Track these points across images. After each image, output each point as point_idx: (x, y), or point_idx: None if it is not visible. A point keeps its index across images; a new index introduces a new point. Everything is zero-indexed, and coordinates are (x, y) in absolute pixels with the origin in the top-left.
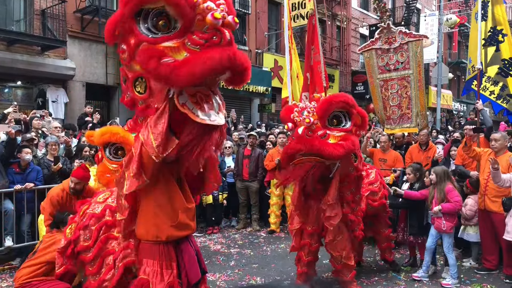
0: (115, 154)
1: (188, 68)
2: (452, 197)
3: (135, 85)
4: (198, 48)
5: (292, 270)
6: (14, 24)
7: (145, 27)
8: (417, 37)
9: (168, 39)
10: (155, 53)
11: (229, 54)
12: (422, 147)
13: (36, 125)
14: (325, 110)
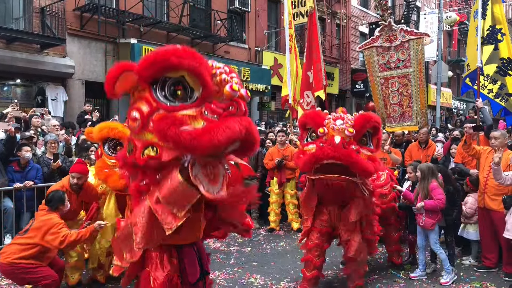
0: (114, 149)
1: (210, 136)
2: (435, 195)
3: (143, 153)
4: (216, 117)
5: (291, 268)
6: (13, 22)
7: (162, 95)
8: (418, 35)
9: (187, 107)
10: (175, 120)
11: (246, 124)
12: (422, 145)
13: (35, 123)
14: (362, 127)
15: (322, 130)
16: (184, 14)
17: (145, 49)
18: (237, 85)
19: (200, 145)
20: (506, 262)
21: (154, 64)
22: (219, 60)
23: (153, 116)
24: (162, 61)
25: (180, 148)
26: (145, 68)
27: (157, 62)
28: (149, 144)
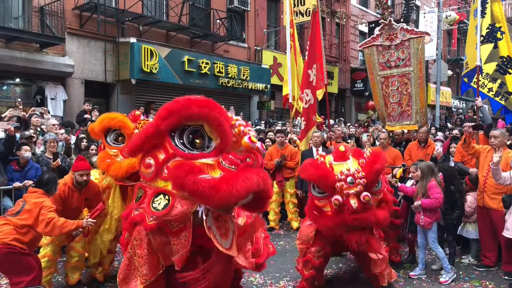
0: (116, 140)
1: (229, 186)
2: (432, 194)
3: (153, 201)
4: (234, 168)
5: (291, 267)
6: (12, 21)
7: (180, 142)
8: (419, 34)
9: (205, 156)
10: (194, 168)
11: (263, 176)
12: (421, 144)
13: (35, 123)
14: (373, 180)
15: (337, 203)
16: (184, 13)
17: (144, 48)
18: (255, 138)
19: (218, 195)
20: (506, 261)
21: (175, 113)
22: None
23: (169, 163)
24: (183, 110)
25: (197, 197)
26: (165, 117)
27: (178, 111)
28: (161, 192)
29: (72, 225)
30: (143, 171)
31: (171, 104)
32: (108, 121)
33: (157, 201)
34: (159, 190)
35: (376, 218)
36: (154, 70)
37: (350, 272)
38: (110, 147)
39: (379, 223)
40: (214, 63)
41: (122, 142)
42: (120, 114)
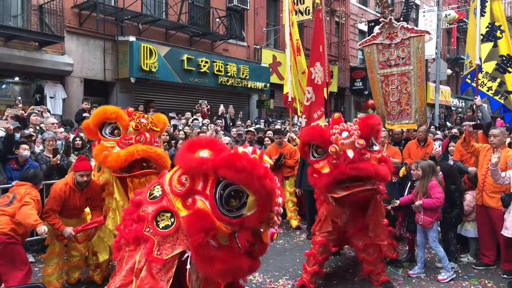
0: (111, 133)
1: (223, 267)
2: (434, 193)
3: (159, 215)
4: (240, 247)
5: (290, 266)
6: (11, 19)
7: (220, 193)
8: (419, 33)
9: (228, 222)
10: (211, 230)
11: (254, 269)
12: (421, 143)
13: (33, 121)
14: (369, 133)
15: (334, 149)
16: (183, 12)
17: (143, 47)
18: (276, 235)
19: (209, 268)
20: (505, 260)
21: (239, 173)
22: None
23: (198, 199)
24: (246, 177)
25: (193, 253)
26: (229, 167)
27: (242, 173)
28: (172, 211)
29: (35, 221)
30: (174, 183)
31: (241, 158)
32: (104, 114)
33: (162, 217)
34: (172, 208)
35: (376, 171)
36: (153, 69)
37: (349, 270)
38: (106, 139)
39: (380, 177)
40: (214, 61)
41: (118, 135)
42: (115, 106)
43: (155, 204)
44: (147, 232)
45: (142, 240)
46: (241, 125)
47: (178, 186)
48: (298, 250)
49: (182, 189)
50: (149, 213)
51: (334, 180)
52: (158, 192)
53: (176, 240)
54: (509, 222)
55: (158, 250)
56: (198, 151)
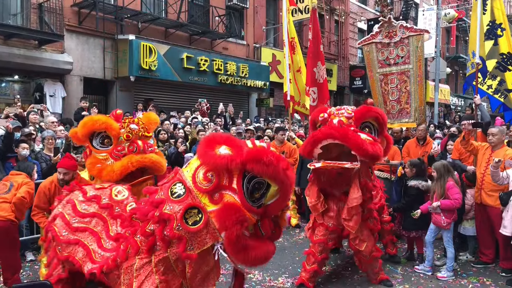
0: (102, 144)
1: (256, 254)
2: (452, 194)
3: (187, 212)
4: (263, 234)
5: (289, 264)
6: (11, 18)
7: (246, 186)
8: (418, 32)
9: (256, 212)
10: (245, 221)
11: (273, 252)
12: (420, 142)
13: (32, 120)
14: (362, 113)
15: (322, 115)
16: (183, 10)
17: (143, 45)
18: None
19: (245, 256)
20: (503, 258)
21: (266, 166)
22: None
23: (226, 194)
24: (273, 170)
25: (227, 245)
26: (257, 162)
27: (269, 166)
28: (198, 207)
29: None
30: (200, 180)
31: (265, 152)
32: (92, 124)
33: (190, 213)
34: (199, 205)
35: (353, 138)
36: (153, 67)
37: (348, 268)
38: (97, 151)
39: (354, 144)
40: (213, 60)
41: (109, 145)
42: (103, 115)
43: (181, 202)
44: (177, 230)
45: (173, 239)
46: (241, 123)
47: (205, 182)
48: (298, 248)
49: (208, 185)
50: (176, 211)
51: (313, 139)
52: (182, 190)
53: (206, 234)
54: (507, 220)
55: (191, 245)
56: (217, 148)
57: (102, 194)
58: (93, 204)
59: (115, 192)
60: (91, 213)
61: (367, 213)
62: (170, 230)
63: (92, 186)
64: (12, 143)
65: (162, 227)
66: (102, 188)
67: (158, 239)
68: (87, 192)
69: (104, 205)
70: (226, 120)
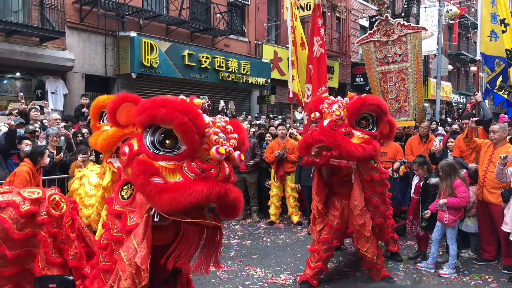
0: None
1: (173, 195)
2: (459, 192)
3: (122, 189)
4: (193, 176)
5: (291, 261)
6: (12, 14)
7: (150, 140)
8: (416, 29)
9: (168, 159)
10: (149, 169)
11: (220, 190)
12: (422, 139)
13: (33, 117)
14: (356, 109)
15: (313, 116)
16: (184, 7)
17: (144, 42)
18: (227, 148)
19: (161, 201)
20: (505, 255)
21: (145, 111)
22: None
23: (139, 157)
24: (152, 111)
25: (144, 197)
26: (139, 112)
27: (147, 110)
28: (130, 181)
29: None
30: (120, 157)
31: (147, 101)
32: (96, 104)
33: (124, 189)
34: (128, 179)
35: (342, 144)
36: (154, 65)
37: (350, 266)
38: (102, 125)
39: (343, 150)
40: (215, 57)
41: None
42: (109, 95)
43: (118, 184)
44: (118, 208)
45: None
46: (243, 120)
47: (123, 157)
48: (299, 246)
49: (125, 158)
50: (115, 192)
51: (305, 143)
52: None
53: (141, 200)
54: (509, 217)
55: (132, 218)
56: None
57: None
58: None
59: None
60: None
61: (372, 209)
62: (110, 209)
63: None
64: (15, 140)
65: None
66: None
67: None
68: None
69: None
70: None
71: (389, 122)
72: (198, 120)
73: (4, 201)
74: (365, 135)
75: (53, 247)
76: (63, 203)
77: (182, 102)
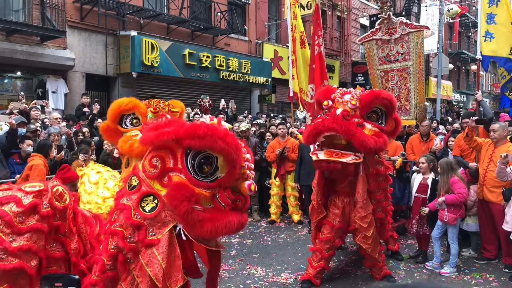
0: (132, 124)
1: (213, 226)
2: (456, 189)
3: (143, 200)
4: (224, 206)
5: (292, 260)
6: (13, 14)
7: (191, 163)
8: (418, 28)
9: (206, 187)
10: (192, 196)
11: (244, 222)
12: (423, 138)
13: (34, 116)
14: (369, 102)
15: (326, 103)
16: (184, 6)
17: (145, 42)
18: (254, 186)
19: (201, 230)
20: (506, 254)
21: (202, 139)
22: (220, 53)
23: (173, 175)
24: (209, 141)
25: (182, 223)
26: (192, 137)
27: (203, 138)
28: (153, 193)
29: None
30: (147, 167)
31: (202, 129)
32: (119, 107)
33: (146, 201)
34: (152, 191)
35: (355, 134)
36: (155, 64)
37: (351, 265)
38: (128, 129)
39: (356, 140)
40: (215, 56)
41: (138, 125)
42: (126, 98)
43: (136, 193)
44: (136, 218)
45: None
46: (243, 119)
47: (152, 169)
48: (300, 244)
49: (155, 171)
50: (133, 201)
51: (315, 131)
52: (136, 181)
53: (165, 218)
54: (510, 216)
55: (152, 231)
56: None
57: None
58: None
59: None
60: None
61: (375, 203)
62: (129, 219)
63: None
64: (16, 139)
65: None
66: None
67: (126, 249)
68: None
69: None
70: (227, 116)
71: (396, 120)
72: (240, 153)
73: (5, 197)
74: (376, 128)
75: (54, 240)
76: (66, 194)
77: (232, 136)
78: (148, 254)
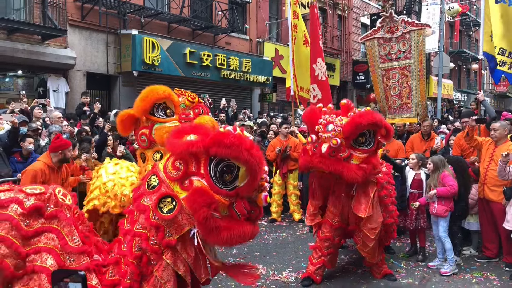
0: (165, 114)
1: (229, 234)
2: (446, 182)
3: (161, 201)
4: (239, 215)
5: (293, 258)
6: (14, 12)
7: (214, 170)
8: (420, 26)
9: (225, 195)
10: (212, 203)
11: (256, 233)
12: (424, 137)
13: (37, 115)
14: (352, 132)
15: (310, 139)
16: (185, 5)
17: (146, 40)
18: (268, 198)
19: (217, 237)
20: (507, 253)
21: (228, 148)
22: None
23: (194, 179)
24: (236, 151)
25: (199, 228)
26: (218, 145)
27: (231, 148)
28: (171, 195)
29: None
30: (169, 169)
31: (229, 138)
32: (156, 94)
33: (164, 202)
34: (171, 193)
35: (343, 171)
36: (156, 62)
37: (351, 263)
38: (164, 120)
39: (346, 178)
40: (216, 55)
41: (171, 115)
42: (156, 86)
43: (155, 193)
44: (154, 219)
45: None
46: (243, 118)
47: (174, 171)
48: (301, 243)
49: (177, 174)
50: (152, 201)
51: (304, 167)
52: (155, 181)
53: (182, 220)
54: (510, 215)
55: (169, 232)
56: (185, 137)
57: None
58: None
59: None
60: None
61: (383, 209)
62: (147, 219)
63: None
64: (18, 138)
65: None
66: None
67: (149, 250)
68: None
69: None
70: (228, 115)
71: (385, 127)
72: (263, 167)
73: (6, 199)
74: (364, 153)
75: (79, 232)
76: (69, 195)
77: (257, 148)
78: (172, 254)
